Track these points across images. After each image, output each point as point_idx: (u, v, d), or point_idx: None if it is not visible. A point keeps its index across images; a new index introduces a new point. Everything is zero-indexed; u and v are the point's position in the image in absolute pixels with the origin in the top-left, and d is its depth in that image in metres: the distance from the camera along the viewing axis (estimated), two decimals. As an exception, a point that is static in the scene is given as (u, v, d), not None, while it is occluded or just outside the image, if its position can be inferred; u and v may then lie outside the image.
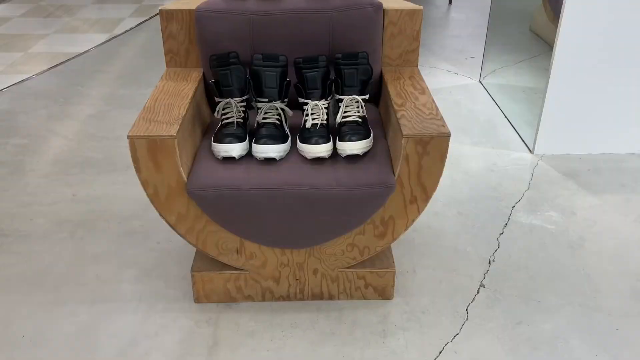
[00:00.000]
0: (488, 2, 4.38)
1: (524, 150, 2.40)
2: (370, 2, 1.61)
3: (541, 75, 2.43)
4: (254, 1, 1.60)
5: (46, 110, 2.72)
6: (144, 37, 3.70)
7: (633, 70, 2.22)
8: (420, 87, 1.58)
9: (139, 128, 1.34)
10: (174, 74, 1.65)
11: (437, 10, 4.27)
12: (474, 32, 3.80)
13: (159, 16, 1.63)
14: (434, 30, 3.83)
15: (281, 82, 1.51)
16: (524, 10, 3.51)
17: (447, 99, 2.86)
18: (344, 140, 1.42)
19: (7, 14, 4.12)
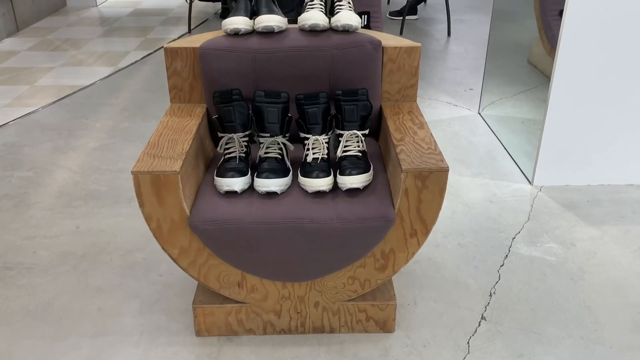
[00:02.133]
0: (486, 35, 4.46)
1: (523, 181, 2.42)
2: (370, 39, 1.65)
3: (539, 106, 2.46)
4: (256, 39, 1.65)
5: (51, 143, 2.76)
6: (149, 70, 3.77)
7: (630, 101, 2.26)
8: (419, 122, 1.61)
9: (143, 164, 1.36)
10: (178, 110, 1.69)
11: (436, 43, 4.35)
12: (473, 64, 3.86)
13: (164, 54, 1.67)
14: (434, 63, 3.89)
15: (283, 117, 1.55)
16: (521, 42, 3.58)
17: (447, 131, 2.90)
18: (345, 174, 1.45)
19: (15, 48, 4.21)
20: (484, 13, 5.17)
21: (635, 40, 2.15)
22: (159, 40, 4.41)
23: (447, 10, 4.54)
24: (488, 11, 5.20)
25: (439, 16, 5.06)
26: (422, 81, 3.55)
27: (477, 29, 4.71)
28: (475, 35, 4.51)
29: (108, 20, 4.97)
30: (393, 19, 4.97)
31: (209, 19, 5.01)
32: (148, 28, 4.74)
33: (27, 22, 4.75)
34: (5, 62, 3.90)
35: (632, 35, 2.14)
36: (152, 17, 5.10)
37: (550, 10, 3.11)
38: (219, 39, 1.65)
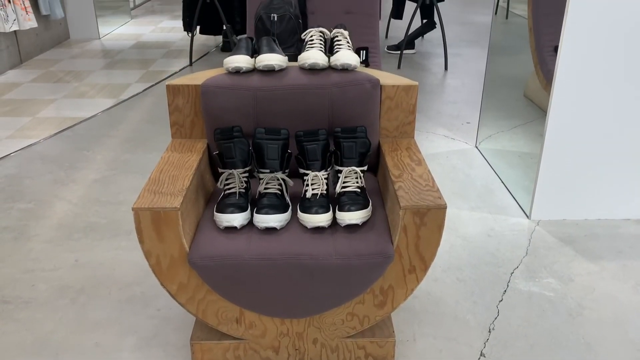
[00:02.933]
0: (483, 69, 4.54)
1: (521, 215, 2.44)
2: (368, 78, 1.69)
3: (536, 140, 2.50)
4: (257, 77, 1.68)
5: (52, 175, 2.78)
6: (150, 102, 3.81)
7: (626, 136, 2.29)
8: (417, 159, 1.63)
9: (144, 200, 1.38)
10: (179, 145, 1.72)
11: (434, 76, 4.42)
12: (470, 98, 3.92)
13: (166, 91, 1.70)
14: (431, 97, 3.95)
15: (282, 154, 1.57)
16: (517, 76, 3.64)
17: (444, 164, 2.93)
18: (343, 210, 1.46)
19: (19, 80, 4.26)
20: (480, 47, 5.27)
21: (630, 76, 2.19)
22: (160, 72, 4.48)
23: (444, 45, 4.62)
24: (484, 45, 5.30)
25: (436, 50, 5.15)
26: (419, 114, 3.60)
27: (473, 63, 4.79)
28: (472, 69, 4.59)
29: (110, 53, 5.05)
30: (391, 53, 5.05)
31: (210, 52, 5.09)
32: (150, 61, 4.81)
33: (31, 54, 4.82)
34: (8, 94, 3.94)
35: (627, 70, 2.18)
36: (154, 50, 5.18)
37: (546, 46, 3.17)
38: (221, 76, 1.69)
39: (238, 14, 4.68)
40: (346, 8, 3.16)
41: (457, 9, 7.27)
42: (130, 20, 6.47)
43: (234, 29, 4.78)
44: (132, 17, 6.62)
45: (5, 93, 3.97)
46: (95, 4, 5.47)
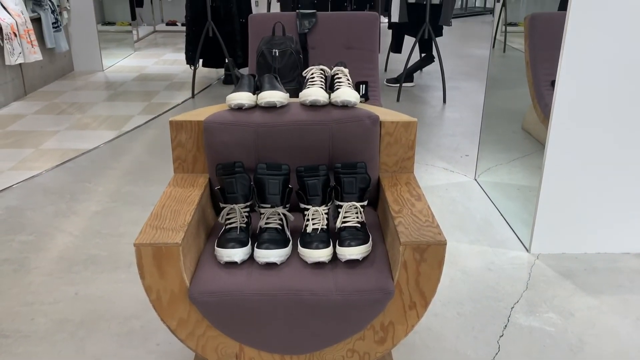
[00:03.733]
0: (481, 102, 4.60)
1: (520, 249, 2.44)
2: (368, 114, 1.72)
3: (534, 173, 2.52)
4: (259, 113, 1.71)
5: (53, 207, 2.80)
6: (152, 134, 3.85)
7: (624, 169, 2.31)
8: (417, 194, 1.65)
9: (145, 236, 1.39)
10: (181, 180, 1.74)
11: (432, 109, 4.47)
12: (468, 130, 3.96)
13: (169, 126, 1.73)
14: (430, 129, 3.99)
15: (283, 189, 1.59)
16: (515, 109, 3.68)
17: (444, 197, 2.94)
18: (344, 245, 1.47)
19: (22, 111, 4.32)
20: (478, 80, 5.35)
21: (628, 110, 2.22)
22: (162, 104, 4.53)
23: (442, 78, 4.70)
24: (482, 78, 5.38)
25: (434, 83, 5.23)
26: (419, 147, 3.63)
27: (472, 96, 4.86)
28: (471, 102, 4.65)
29: (113, 85, 5.12)
30: (390, 86, 5.13)
31: (212, 85, 5.17)
32: (152, 93, 4.88)
33: (35, 86, 4.89)
34: (11, 126, 3.99)
35: (625, 105, 2.21)
36: (157, 82, 5.26)
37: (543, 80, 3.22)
38: (223, 112, 1.72)
39: (240, 48, 4.77)
40: (346, 43, 3.22)
41: (455, 42, 7.40)
42: (134, 53, 6.58)
43: (235, 62, 4.86)
44: (136, 50, 6.73)
45: (9, 124, 4.01)
46: (100, 36, 5.57)
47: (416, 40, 4.67)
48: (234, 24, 4.70)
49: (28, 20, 4.48)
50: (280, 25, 3.05)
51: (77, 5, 5.38)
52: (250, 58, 3.14)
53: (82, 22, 5.45)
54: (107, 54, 5.81)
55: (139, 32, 7.52)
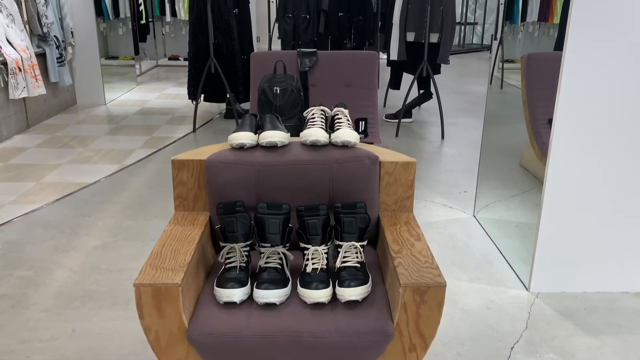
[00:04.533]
0: (479, 138, 4.65)
1: (520, 287, 2.44)
2: (368, 155, 1.74)
3: (533, 210, 2.53)
4: (260, 153, 1.74)
5: (53, 241, 2.80)
6: (153, 168, 3.88)
7: (623, 208, 2.32)
8: (416, 234, 1.66)
9: (145, 276, 1.40)
10: (182, 218, 1.75)
11: (431, 145, 4.52)
12: (466, 166, 3.99)
13: (171, 165, 1.75)
14: (428, 165, 4.02)
15: (283, 228, 1.60)
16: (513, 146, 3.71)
17: (443, 233, 2.95)
18: (343, 285, 1.48)
19: (25, 144, 4.35)
20: (476, 117, 5.41)
21: (625, 149, 2.24)
22: (164, 138, 4.57)
23: (440, 114, 4.76)
24: (480, 114, 5.45)
25: (433, 119, 5.29)
26: (417, 182, 3.66)
27: (469, 132, 4.91)
28: (468, 138, 4.70)
29: (116, 119, 5.18)
30: (389, 122, 5.19)
31: (213, 119, 5.22)
32: (154, 126, 4.93)
33: (38, 119, 4.94)
34: (13, 159, 4.02)
35: (622, 144, 2.23)
36: (159, 116, 5.32)
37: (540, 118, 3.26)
38: (225, 152, 1.74)
39: (241, 84, 4.84)
40: (346, 81, 3.28)
41: (452, 78, 7.51)
42: (136, 87, 6.66)
43: (237, 97, 4.93)
44: (138, 84, 6.82)
45: (10, 158, 4.04)
46: (103, 70, 5.65)
47: (414, 77, 4.75)
48: (235, 61, 4.78)
49: (33, 56, 4.56)
50: (282, 64, 3.10)
51: (82, 41, 5.48)
52: (252, 95, 3.19)
53: (86, 56, 5.54)
54: (109, 87, 5.88)
55: (141, 66, 7.63)
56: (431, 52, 4.67)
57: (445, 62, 4.75)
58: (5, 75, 4.29)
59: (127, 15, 6.72)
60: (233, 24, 4.69)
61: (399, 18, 4.79)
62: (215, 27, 4.65)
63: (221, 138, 4.62)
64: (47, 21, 4.83)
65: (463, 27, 10.59)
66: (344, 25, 5.69)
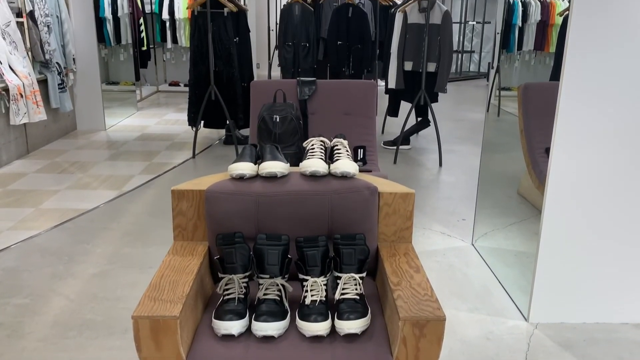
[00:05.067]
0: (476, 165, 4.67)
1: (519, 317, 2.43)
2: (367, 185, 1.75)
3: (531, 239, 2.53)
4: (260, 183, 1.75)
5: (51, 269, 2.78)
6: (152, 194, 3.88)
7: (623, 238, 2.32)
8: (415, 265, 1.66)
9: (143, 308, 1.39)
10: (181, 248, 1.75)
11: (429, 172, 4.54)
12: (464, 194, 4.01)
13: (171, 195, 1.76)
14: (426, 192, 4.04)
15: (283, 259, 1.60)
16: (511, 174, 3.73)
17: (442, 262, 2.95)
18: (342, 318, 1.47)
19: (24, 170, 4.36)
20: (473, 144, 5.45)
21: (624, 177, 2.25)
22: (163, 164, 4.59)
23: (438, 142, 4.79)
24: (477, 142, 5.48)
25: (430, 146, 5.33)
26: (416, 210, 3.66)
27: (467, 159, 4.94)
28: (466, 166, 4.72)
29: (115, 144, 5.20)
30: (387, 149, 5.22)
31: (212, 145, 5.25)
32: (154, 152, 4.95)
33: (38, 144, 4.96)
34: (12, 184, 4.02)
35: (620, 172, 2.24)
36: (158, 141, 5.34)
37: (537, 147, 3.29)
38: (225, 182, 1.75)
39: (241, 111, 4.88)
40: (345, 110, 3.31)
41: (450, 106, 7.58)
42: (137, 112, 6.71)
43: (236, 124, 4.97)
44: (139, 109, 6.87)
45: (10, 183, 4.05)
46: (103, 95, 5.70)
47: (412, 106, 4.79)
48: (235, 88, 4.83)
49: (35, 82, 4.60)
50: (282, 92, 3.14)
51: (83, 67, 5.54)
52: (252, 124, 3.22)
53: (87, 82, 5.60)
54: (110, 113, 5.92)
55: (142, 92, 7.69)
56: (429, 80, 4.73)
57: (442, 91, 4.81)
58: (7, 101, 4.32)
59: (128, 41, 6.80)
60: (234, 52, 4.75)
61: (396, 48, 4.86)
62: (216, 55, 4.70)
63: (221, 164, 4.64)
64: (49, 48, 4.89)
65: (460, 55, 10.74)
66: (343, 53, 5.77)
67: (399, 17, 4.86)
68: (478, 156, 4.94)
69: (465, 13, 10.67)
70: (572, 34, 2.11)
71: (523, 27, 4.65)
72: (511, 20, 4.46)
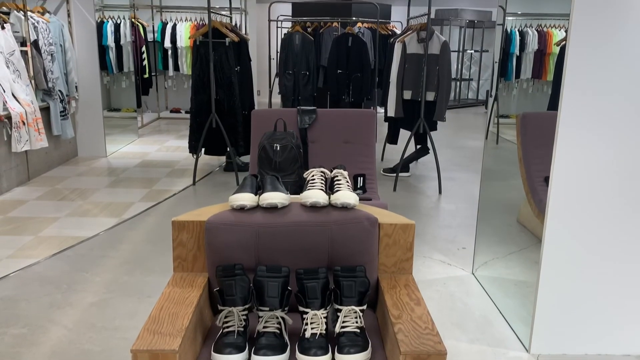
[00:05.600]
0: (476, 193, 4.68)
1: (520, 348, 2.41)
2: (367, 216, 1.76)
3: (531, 268, 2.52)
4: (260, 214, 1.76)
5: (49, 298, 2.77)
6: (152, 222, 3.88)
7: (624, 269, 2.31)
8: (416, 298, 1.66)
9: (142, 341, 1.38)
10: (181, 279, 1.74)
11: (428, 200, 4.55)
12: (464, 222, 4.01)
13: (172, 226, 1.77)
14: (426, 220, 4.04)
15: (283, 291, 1.60)
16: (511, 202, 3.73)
17: (442, 291, 2.93)
18: (343, 352, 1.46)
19: (24, 197, 4.37)
20: (472, 171, 5.47)
21: (624, 207, 2.25)
22: (164, 191, 4.60)
23: (437, 169, 4.81)
24: (476, 169, 5.50)
25: (430, 173, 5.35)
26: (416, 238, 3.66)
27: (467, 187, 4.95)
28: (466, 193, 4.73)
29: (116, 171, 5.22)
30: (387, 176, 5.23)
31: (213, 172, 5.27)
32: (154, 179, 4.96)
33: (39, 171, 4.98)
34: (12, 212, 4.02)
35: (621, 201, 2.24)
36: (159, 168, 5.36)
37: (536, 176, 3.30)
38: (225, 213, 1.76)
39: (242, 138, 4.92)
40: (344, 138, 3.34)
41: (449, 133, 7.63)
42: (138, 139, 6.75)
43: (237, 151, 4.99)
44: (140, 136, 6.91)
45: (10, 210, 4.05)
46: (105, 122, 5.74)
47: (411, 134, 4.83)
48: (236, 116, 4.87)
49: (37, 110, 4.64)
50: (282, 121, 3.17)
51: (85, 94, 5.59)
52: (252, 152, 3.24)
53: (89, 110, 5.65)
54: (111, 139, 5.96)
55: (143, 119, 7.75)
56: (428, 109, 4.77)
57: (441, 120, 4.85)
58: (9, 128, 4.35)
59: (130, 69, 6.89)
60: (235, 80, 4.81)
61: (396, 77, 4.92)
62: (217, 84, 4.76)
63: (221, 191, 4.65)
64: (52, 76, 4.95)
65: (459, 82, 10.85)
66: (343, 81, 5.84)
67: (398, 47, 4.93)
68: (477, 184, 4.95)
69: (463, 42, 10.82)
70: (570, 64, 2.13)
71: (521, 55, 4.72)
72: (509, 49, 4.52)
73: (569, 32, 2.14)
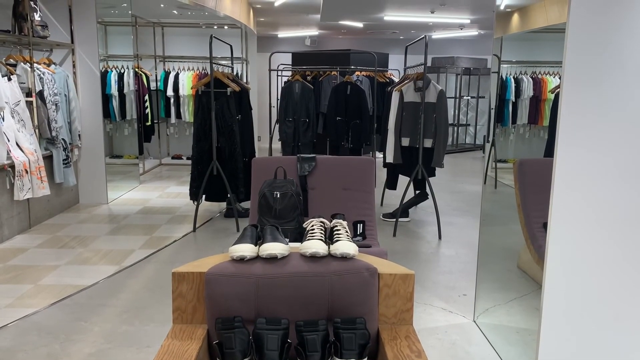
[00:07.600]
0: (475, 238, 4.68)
1: (524, 399, 2.37)
2: (366, 267, 1.77)
3: (533, 315, 2.50)
4: (260, 264, 1.77)
5: (46, 349, 2.74)
6: (152, 269, 3.88)
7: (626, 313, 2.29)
8: (417, 350, 1.65)
9: (143, 396, 1.38)
10: (180, 332, 1.74)
11: (428, 245, 4.55)
12: (465, 268, 4.00)
13: (172, 278, 1.78)
14: (426, 266, 4.03)
15: (282, 344, 1.60)
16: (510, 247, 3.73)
17: (444, 340, 2.90)
18: (343, 406, 1.45)
19: (25, 245, 4.37)
20: (471, 216, 5.48)
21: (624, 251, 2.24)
22: (164, 238, 4.61)
23: (436, 214, 4.83)
24: (475, 214, 5.52)
25: (429, 218, 5.36)
26: (416, 285, 3.64)
27: (466, 231, 4.96)
28: (465, 238, 4.73)
29: (117, 218, 5.24)
30: (386, 221, 5.25)
31: (213, 218, 5.29)
32: (154, 226, 4.98)
33: (40, 219, 5.00)
34: (13, 260, 4.02)
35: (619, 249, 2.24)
36: (159, 215, 5.38)
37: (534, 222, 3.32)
38: (225, 264, 1.77)
39: (242, 184, 4.96)
40: (344, 185, 3.38)
41: (447, 177, 7.68)
42: (139, 185, 6.79)
43: (237, 197, 5.03)
44: (141, 182, 6.96)
45: (10, 259, 4.05)
46: (106, 169, 5.80)
47: (410, 180, 4.87)
48: (237, 163, 4.93)
49: (40, 158, 4.70)
50: (282, 169, 3.21)
51: (88, 142, 5.67)
52: (253, 200, 3.27)
53: (92, 157, 5.71)
54: (112, 186, 6.00)
55: (145, 165, 7.82)
56: (426, 155, 4.83)
57: (439, 166, 4.90)
58: (12, 177, 4.40)
59: (133, 117, 7.00)
60: (236, 129, 4.89)
61: (394, 124, 5.00)
62: (218, 132, 4.84)
63: (221, 237, 4.66)
64: (56, 125, 5.03)
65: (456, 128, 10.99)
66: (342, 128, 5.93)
67: (395, 96, 5.04)
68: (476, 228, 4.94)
69: (460, 88, 11.02)
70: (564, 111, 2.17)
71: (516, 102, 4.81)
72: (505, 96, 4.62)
73: (562, 79, 2.19)
